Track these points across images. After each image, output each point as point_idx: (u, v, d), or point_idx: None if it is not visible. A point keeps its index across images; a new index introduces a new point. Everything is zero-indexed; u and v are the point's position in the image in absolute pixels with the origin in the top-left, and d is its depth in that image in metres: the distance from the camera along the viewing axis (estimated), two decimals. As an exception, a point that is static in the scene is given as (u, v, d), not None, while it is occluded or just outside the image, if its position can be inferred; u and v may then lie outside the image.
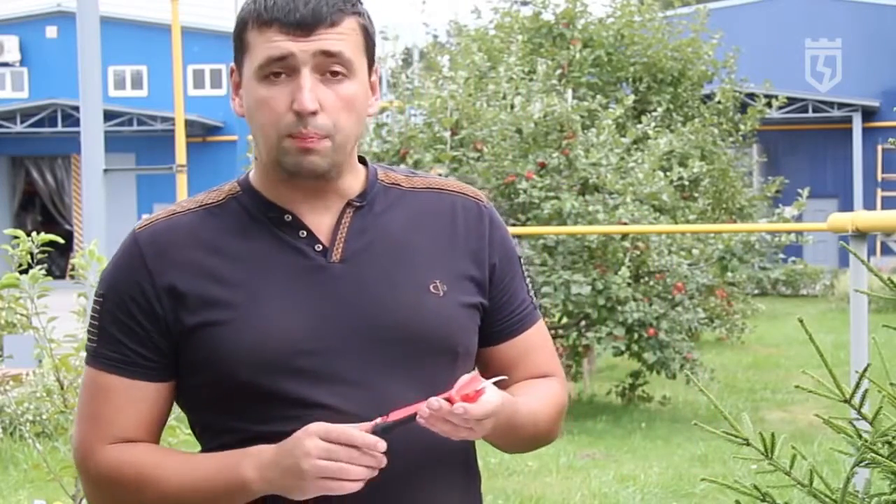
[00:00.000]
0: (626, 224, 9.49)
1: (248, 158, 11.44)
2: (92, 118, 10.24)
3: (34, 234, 2.88)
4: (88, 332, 1.77)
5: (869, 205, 25.84)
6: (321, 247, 1.75)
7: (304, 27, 1.67)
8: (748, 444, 1.99)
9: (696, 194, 13.51)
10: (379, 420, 1.61)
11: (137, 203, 31.74)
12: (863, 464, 1.89)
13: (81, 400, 1.79)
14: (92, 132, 10.22)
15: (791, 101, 23.22)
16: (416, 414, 1.60)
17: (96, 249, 2.81)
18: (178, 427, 2.73)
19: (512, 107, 10.38)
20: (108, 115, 23.06)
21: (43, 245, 2.78)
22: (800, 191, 11.30)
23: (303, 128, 1.67)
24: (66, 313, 3.41)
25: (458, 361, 1.77)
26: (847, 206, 24.98)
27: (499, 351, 1.86)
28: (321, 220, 1.76)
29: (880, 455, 1.84)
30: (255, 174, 1.79)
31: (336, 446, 1.57)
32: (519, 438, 1.80)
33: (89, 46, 10.19)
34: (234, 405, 1.71)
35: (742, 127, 15.56)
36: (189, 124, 22.60)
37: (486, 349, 1.85)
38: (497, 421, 1.66)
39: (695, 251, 10.62)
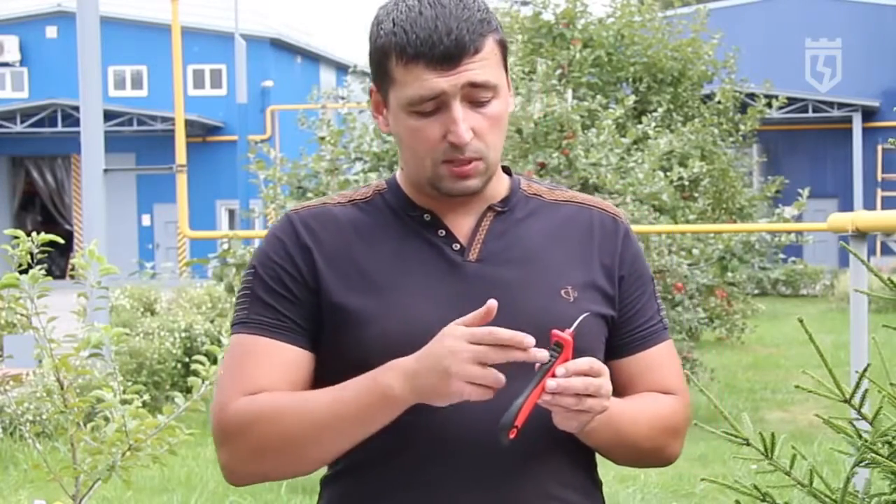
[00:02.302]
0: (626, 224, 9.48)
1: (248, 158, 11.41)
2: (92, 118, 10.26)
3: (34, 234, 2.88)
4: (237, 304, 1.82)
5: (869, 205, 25.83)
6: (459, 246, 1.80)
7: (449, 60, 1.69)
8: (748, 444, 1.99)
9: (696, 194, 13.51)
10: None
11: (137, 203, 31.76)
12: (863, 464, 1.89)
13: (223, 366, 1.81)
14: (92, 132, 10.24)
15: (791, 101, 23.22)
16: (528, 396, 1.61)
17: (96, 249, 2.81)
18: (178, 427, 2.72)
19: (512, 107, 10.37)
20: (108, 115, 23.05)
21: (43, 245, 2.78)
22: (800, 191, 11.28)
23: (459, 154, 1.73)
24: (66, 313, 3.40)
25: None
26: (847, 206, 24.97)
27: (620, 365, 1.86)
28: (462, 222, 1.82)
29: (880, 455, 1.84)
30: (402, 176, 1.85)
31: (485, 348, 1.57)
32: (622, 441, 1.81)
33: (89, 46, 10.20)
34: None
35: (742, 127, 15.54)
36: (189, 124, 22.61)
37: (608, 363, 1.84)
38: (609, 410, 1.67)
39: (695, 251, 10.62)
